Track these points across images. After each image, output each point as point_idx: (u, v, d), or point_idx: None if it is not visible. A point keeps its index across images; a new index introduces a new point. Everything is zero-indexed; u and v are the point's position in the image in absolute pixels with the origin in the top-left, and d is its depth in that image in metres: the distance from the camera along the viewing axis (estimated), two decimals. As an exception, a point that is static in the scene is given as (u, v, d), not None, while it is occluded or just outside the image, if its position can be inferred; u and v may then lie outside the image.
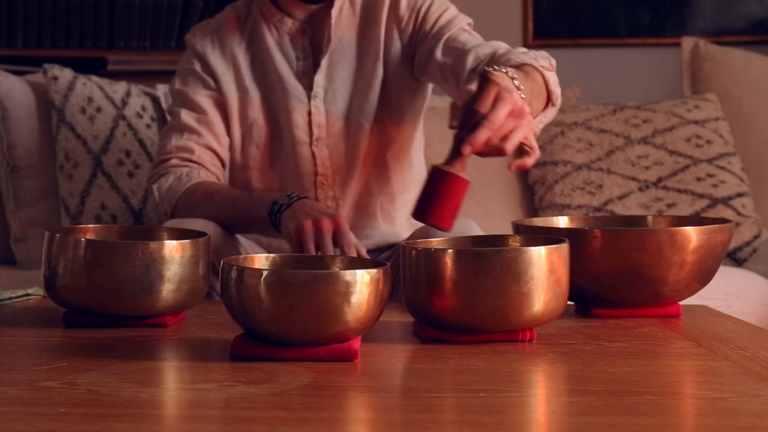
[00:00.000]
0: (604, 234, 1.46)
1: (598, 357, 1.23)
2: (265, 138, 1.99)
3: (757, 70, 3.05)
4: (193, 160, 1.96)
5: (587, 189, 2.77)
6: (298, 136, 1.96)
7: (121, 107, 2.62)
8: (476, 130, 1.40)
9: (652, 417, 0.98)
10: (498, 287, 1.26)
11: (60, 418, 0.97)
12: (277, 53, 1.98)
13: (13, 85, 2.61)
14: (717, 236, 1.48)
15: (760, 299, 2.46)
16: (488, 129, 1.39)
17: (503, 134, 1.42)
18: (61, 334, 1.39)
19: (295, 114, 1.96)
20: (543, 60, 1.73)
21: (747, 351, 1.26)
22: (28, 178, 2.59)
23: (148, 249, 1.38)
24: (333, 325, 1.18)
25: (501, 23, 3.55)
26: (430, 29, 1.93)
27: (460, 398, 1.06)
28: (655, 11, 3.55)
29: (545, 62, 1.73)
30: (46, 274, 1.43)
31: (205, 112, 1.98)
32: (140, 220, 2.56)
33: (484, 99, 1.41)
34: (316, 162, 1.96)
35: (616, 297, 1.50)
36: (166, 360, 1.26)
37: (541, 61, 1.73)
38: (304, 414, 0.98)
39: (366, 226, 2.00)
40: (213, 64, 1.99)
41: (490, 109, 1.40)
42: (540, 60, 1.73)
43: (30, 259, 2.58)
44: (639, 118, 2.86)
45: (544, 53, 1.77)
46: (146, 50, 3.40)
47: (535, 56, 1.73)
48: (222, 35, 2.01)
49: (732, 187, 2.76)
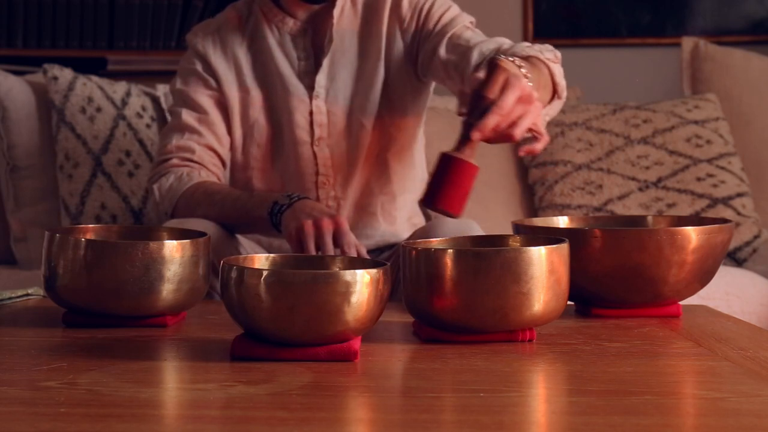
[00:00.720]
0: (604, 234, 1.46)
1: (598, 357, 1.23)
2: (267, 138, 1.99)
3: (757, 70, 3.05)
4: (194, 160, 1.96)
5: (587, 189, 2.77)
6: (299, 135, 1.96)
7: (121, 107, 2.62)
8: (485, 116, 1.41)
9: (652, 417, 0.98)
10: (498, 287, 1.26)
11: (60, 418, 0.97)
12: (279, 53, 1.98)
13: (13, 85, 2.61)
14: (717, 236, 1.48)
15: (760, 299, 2.46)
16: (497, 115, 1.41)
17: (512, 120, 1.43)
18: (61, 334, 1.39)
19: (297, 114, 1.96)
20: (548, 53, 1.75)
21: (747, 351, 1.26)
22: (28, 178, 2.59)
23: (148, 249, 1.38)
24: (333, 325, 1.18)
25: (501, 23, 3.55)
26: (432, 28, 1.93)
27: (460, 398, 1.06)
28: (655, 11, 3.55)
29: (550, 54, 1.75)
30: (46, 274, 1.43)
31: (206, 112, 1.98)
32: (140, 220, 2.56)
33: (492, 85, 1.42)
34: (317, 162, 1.96)
35: (616, 297, 1.50)
36: (166, 360, 1.26)
37: (547, 53, 1.74)
38: (304, 414, 0.98)
39: (366, 225, 2.00)
40: (214, 64, 1.99)
41: (499, 95, 1.42)
42: (545, 53, 1.74)
43: (30, 259, 2.58)
44: (639, 118, 2.86)
45: (549, 46, 1.78)
46: (146, 50, 3.39)
47: (540, 49, 1.75)
48: (223, 35, 2.01)
49: (732, 187, 2.76)
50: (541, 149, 1.53)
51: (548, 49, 1.76)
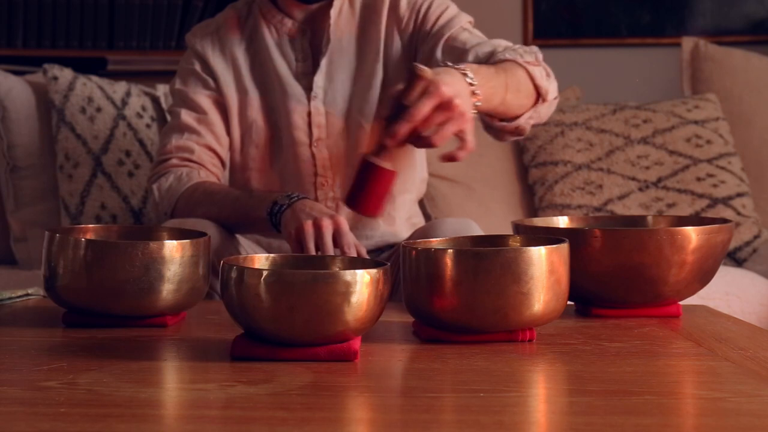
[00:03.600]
0: (604, 234, 1.46)
1: (598, 357, 1.23)
2: (265, 139, 1.98)
3: (757, 70, 3.05)
4: (193, 160, 1.96)
5: (587, 189, 2.77)
6: (297, 137, 1.96)
7: (121, 107, 2.62)
8: (398, 123, 1.44)
9: (652, 417, 0.98)
10: (498, 287, 1.26)
11: (60, 418, 0.97)
12: (277, 54, 1.98)
13: (13, 85, 2.61)
14: (717, 236, 1.48)
15: (760, 299, 2.46)
16: (409, 122, 1.43)
17: (429, 127, 1.45)
18: (61, 334, 1.39)
19: (295, 115, 1.95)
20: (528, 55, 1.76)
21: (747, 351, 1.26)
22: (28, 178, 2.59)
23: (148, 249, 1.38)
24: (333, 325, 1.18)
25: (501, 23, 3.55)
26: (430, 29, 1.93)
27: (460, 398, 1.06)
28: (655, 11, 3.55)
29: (530, 57, 1.76)
30: (46, 274, 1.43)
31: (206, 112, 1.98)
32: (140, 220, 2.56)
33: (409, 93, 1.45)
34: (315, 163, 1.96)
35: (616, 297, 1.50)
36: (166, 360, 1.26)
37: (527, 56, 1.75)
38: (304, 414, 0.98)
39: (366, 226, 1.99)
40: (213, 64, 1.99)
41: (415, 102, 1.44)
42: (526, 56, 1.75)
43: (30, 259, 2.59)
44: (639, 118, 2.86)
45: (532, 48, 1.81)
46: (146, 50, 3.40)
47: (522, 52, 1.76)
48: (222, 35, 2.01)
49: (732, 187, 2.76)
50: (464, 157, 1.51)
51: (530, 51, 1.78)
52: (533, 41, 3.53)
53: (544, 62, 1.80)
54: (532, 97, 1.74)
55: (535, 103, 1.76)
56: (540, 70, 1.75)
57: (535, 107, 1.76)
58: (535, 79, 1.73)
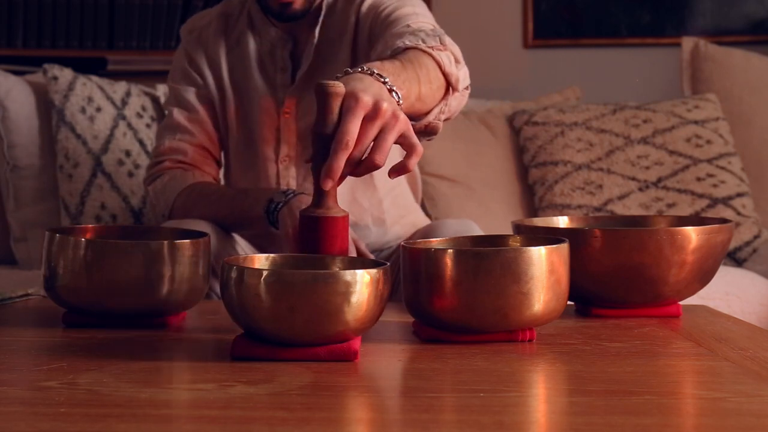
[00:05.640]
0: (604, 234, 1.46)
1: (598, 357, 1.23)
2: (239, 147, 1.96)
3: (757, 70, 3.06)
4: (187, 162, 1.95)
5: (587, 189, 2.77)
6: (264, 151, 1.91)
7: (121, 107, 2.63)
8: (330, 158, 1.21)
9: (652, 417, 0.98)
10: (498, 287, 1.26)
11: (60, 418, 0.96)
12: (257, 63, 1.93)
13: (13, 85, 2.61)
14: (717, 236, 1.48)
15: (760, 299, 2.46)
16: (340, 150, 1.21)
17: (366, 146, 1.24)
18: (61, 334, 1.39)
19: (264, 129, 1.90)
20: (431, 39, 1.52)
21: (747, 351, 1.26)
22: (28, 178, 2.60)
23: (148, 249, 1.38)
24: (333, 325, 1.18)
25: (501, 23, 3.55)
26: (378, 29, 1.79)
27: (460, 398, 1.06)
28: (655, 11, 3.55)
29: (434, 41, 1.52)
30: (46, 274, 1.43)
31: (196, 110, 1.96)
32: (140, 220, 2.56)
33: (325, 118, 1.23)
34: (279, 181, 1.90)
35: (616, 297, 1.50)
36: (166, 360, 1.26)
37: (430, 41, 1.51)
38: (304, 414, 0.98)
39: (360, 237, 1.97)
40: (198, 62, 1.97)
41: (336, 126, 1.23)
42: (429, 40, 1.51)
43: (30, 259, 2.59)
44: (639, 118, 2.86)
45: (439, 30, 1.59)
46: (146, 50, 3.40)
47: (423, 36, 1.53)
48: (210, 33, 1.98)
49: (732, 187, 2.76)
50: (415, 164, 1.30)
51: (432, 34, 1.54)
52: (533, 41, 3.54)
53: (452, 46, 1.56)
54: (443, 88, 1.50)
55: (446, 94, 1.51)
56: (447, 56, 1.51)
57: (445, 99, 1.51)
58: (443, 66, 1.49)
